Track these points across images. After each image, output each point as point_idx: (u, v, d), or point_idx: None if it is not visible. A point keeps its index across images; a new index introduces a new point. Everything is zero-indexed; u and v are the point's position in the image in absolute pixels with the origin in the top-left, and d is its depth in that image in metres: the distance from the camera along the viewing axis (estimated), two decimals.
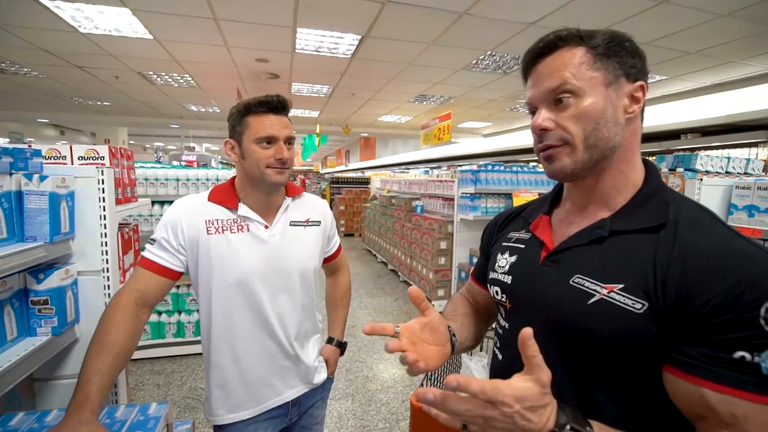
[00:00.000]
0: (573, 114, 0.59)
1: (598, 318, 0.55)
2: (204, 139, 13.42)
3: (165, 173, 3.00)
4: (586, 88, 0.58)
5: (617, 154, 0.61)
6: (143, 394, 2.57)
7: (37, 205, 0.97)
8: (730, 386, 0.46)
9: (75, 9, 3.34)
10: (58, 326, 1.03)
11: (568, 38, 0.60)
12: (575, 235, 0.63)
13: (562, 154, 0.60)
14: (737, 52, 3.98)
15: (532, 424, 0.47)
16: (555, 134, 0.60)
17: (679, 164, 2.10)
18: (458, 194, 4.07)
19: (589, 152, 0.59)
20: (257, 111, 1.00)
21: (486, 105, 6.98)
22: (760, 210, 1.72)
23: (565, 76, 0.59)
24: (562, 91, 0.59)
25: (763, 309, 0.45)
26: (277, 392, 1.08)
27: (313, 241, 1.14)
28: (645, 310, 0.52)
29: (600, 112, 0.58)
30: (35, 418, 0.88)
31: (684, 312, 0.49)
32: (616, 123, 0.59)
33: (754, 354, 0.45)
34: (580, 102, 0.58)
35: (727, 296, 0.46)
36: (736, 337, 0.46)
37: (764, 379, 0.44)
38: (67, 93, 6.54)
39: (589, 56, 0.59)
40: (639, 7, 3.09)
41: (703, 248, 0.51)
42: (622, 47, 0.59)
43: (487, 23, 3.52)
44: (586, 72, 0.58)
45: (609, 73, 0.59)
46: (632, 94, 0.60)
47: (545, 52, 0.61)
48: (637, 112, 0.60)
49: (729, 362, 0.46)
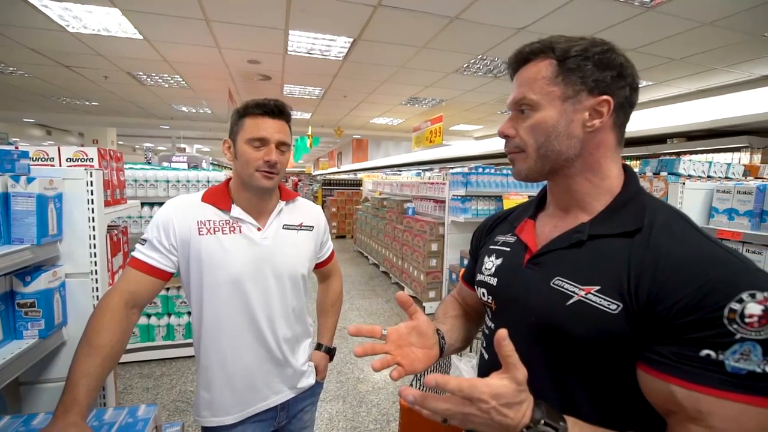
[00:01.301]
0: (528, 125, 0.64)
1: (576, 318, 0.57)
2: (195, 140, 13.30)
3: (155, 174, 2.97)
4: (543, 102, 0.62)
5: (579, 164, 0.63)
6: (132, 398, 2.54)
7: (24, 207, 0.96)
8: (696, 383, 0.48)
9: (63, 8, 3.30)
10: (45, 329, 1.02)
11: (540, 51, 0.63)
12: (556, 239, 0.65)
13: (519, 159, 0.67)
14: (720, 60, 4.09)
15: (508, 419, 0.50)
16: (513, 142, 0.66)
17: (663, 168, 2.15)
18: (449, 196, 4.11)
19: (541, 161, 0.64)
20: (254, 113, 1.01)
21: (477, 108, 7.05)
22: (740, 213, 1.77)
23: (525, 90, 0.63)
24: (522, 104, 0.64)
25: (726, 309, 0.47)
26: (263, 397, 1.08)
27: (305, 245, 1.15)
28: (619, 311, 0.54)
29: (552, 126, 0.62)
30: (22, 421, 0.87)
31: (654, 313, 0.51)
32: (571, 136, 0.61)
33: (718, 352, 0.47)
34: (535, 115, 0.63)
35: (693, 298, 0.49)
36: (702, 336, 0.48)
37: (728, 375, 0.46)
38: (55, 93, 6.45)
39: (551, 69, 0.61)
40: (625, 15, 3.16)
41: (674, 253, 0.53)
42: (589, 61, 0.60)
43: (477, 28, 3.57)
44: (545, 87, 0.61)
45: (568, 87, 0.60)
46: (594, 108, 0.60)
47: (520, 63, 0.66)
48: (598, 126, 0.61)
49: (696, 360, 0.48)
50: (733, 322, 0.46)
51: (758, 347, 0.46)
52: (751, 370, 0.46)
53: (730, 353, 0.46)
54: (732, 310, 0.46)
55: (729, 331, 0.46)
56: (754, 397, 0.45)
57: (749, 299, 0.46)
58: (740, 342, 0.46)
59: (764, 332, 0.46)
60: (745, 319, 0.46)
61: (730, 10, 3.01)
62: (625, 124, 0.64)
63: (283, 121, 1.04)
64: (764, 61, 4.12)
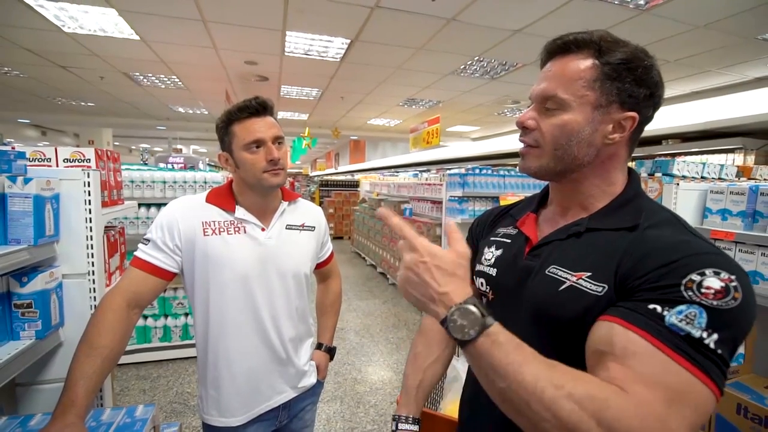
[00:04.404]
0: (552, 123, 0.62)
1: (566, 302, 0.59)
2: (191, 141, 13.25)
3: (152, 175, 2.96)
4: (574, 104, 0.60)
5: (589, 170, 0.64)
6: (129, 399, 2.53)
7: (21, 208, 0.96)
8: (634, 324, 0.49)
9: (59, 8, 3.29)
10: (42, 330, 1.02)
11: (584, 45, 0.60)
12: (556, 231, 0.67)
13: (532, 155, 0.65)
14: (714, 62, 4.13)
15: (434, 284, 0.50)
16: (532, 135, 0.64)
17: (658, 169, 2.17)
18: (446, 197, 4.12)
19: (555, 162, 0.63)
20: (239, 117, 1.00)
21: (474, 109, 7.07)
22: (733, 213, 1.79)
23: (558, 86, 0.61)
24: (551, 99, 0.61)
25: (686, 278, 0.49)
26: (267, 398, 1.08)
27: (308, 245, 1.16)
28: (604, 292, 0.56)
29: (576, 131, 0.60)
30: (19, 422, 0.87)
31: (625, 285, 0.54)
32: (591, 144, 0.61)
33: (665, 308, 0.49)
34: (563, 115, 0.61)
35: (660, 270, 0.51)
36: (654, 295, 0.50)
37: (665, 329, 0.48)
38: (50, 93, 6.40)
39: (592, 72, 0.59)
40: (620, 17, 3.19)
41: (656, 241, 0.55)
42: (631, 73, 0.58)
43: (474, 30, 3.58)
44: (580, 88, 0.59)
45: (602, 96, 0.59)
46: (620, 122, 0.60)
47: (560, 51, 0.63)
48: (618, 140, 0.61)
49: (642, 310, 0.50)
50: (689, 290, 0.48)
51: (704, 313, 0.47)
52: (688, 333, 0.47)
53: (676, 312, 0.48)
54: (691, 280, 0.48)
55: (681, 294, 0.48)
56: (679, 356, 0.46)
57: (712, 275, 0.48)
58: (688, 303, 0.47)
59: (716, 303, 0.47)
60: (701, 289, 0.48)
61: (724, 13, 3.04)
62: (638, 139, 0.65)
63: (270, 116, 1.04)
64: (757, 64, 4.16)
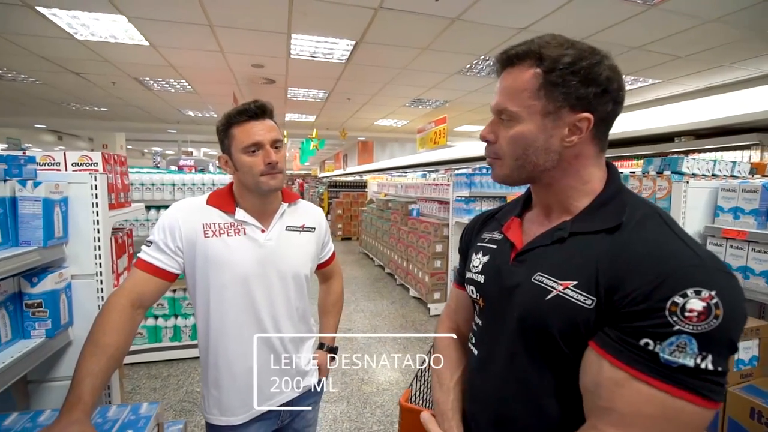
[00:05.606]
0: (509, 135, 0.64)
1: (554, 312, 0.58)
2: (202, 144, 13.45)
3: (161, 178, 3.02)
4: (523, 114, 0.61)
5: (559, 173, 0.64)
6: (140, 398, 2.58)
7: (31, 211, 0.99)
8: (626, 363, 0.50)
9: (71, 17, 3.38)
10: (51, 329, 1.05)
11: (525, 56, 0.61)
12: (540, 236, 0.66)
13: (497, 165, 0.68)
14: (726, 57, 4.04)
15: None
16: (492, 148, 0.67)
17: (667, 167, 2.13)
18: (453, 197, 4.11)
19: (518, 171, 0.65)
20: (238, 121, 1.01)
21: (481, 109, 7.03)
22: (745, 212, 1.74)
23: (506, 100, 0.63)
24: (503, 112, 0.64)
25: (669, 302, 0.48)
26: (268, 397, 1.09)
27: (308, 246, 1.17)
28: (594, 305, 0.55)
29: (530, 140, 0.62)
30: (28, 417, 0.89)
31: (611, 303, 0.54)
32: (549, 150, 0.62)
33: (656, 343, 0.49)
34: (515, 126, 0.62)
35: (645, 289, 0.51)
36: (644, 325, 0.50)
37: (660, 366, 0.49)
38: (64, 99, 6.57)
39: (534, 82, 0.60)
40: (628, 12, 3.14)
41: (634, 248, 0.55)
42: (575, 76, 0.58)
43: (479, 29, 3.57)
44: (526, 99, 0.60)
45: (549, 103, 0.59)
46: (575, 124, 0.60)
47: (507, 64, 0.64)
48: (576, 141, 0.61)
49: (634, 346, 0.50)
50: (673, 315, 0.48)
51: (694, 341, 0.47)
52: (682, 364, 0.48)
53: (667, 345, 0.48)
54: (674, 303, 0.48)
55: (668, 321, 0.48)
56: (677, 388, 0.48)
57: (693, 295, 0.48)
58: (677, 334, 0.48)
59: (700, 327, 0.47)
60: (685, 313, 0.48)
61: (735, 6, 2.98)
62: (607, 133, 0.64)
63: (269, 119, 1.05)
64: None
